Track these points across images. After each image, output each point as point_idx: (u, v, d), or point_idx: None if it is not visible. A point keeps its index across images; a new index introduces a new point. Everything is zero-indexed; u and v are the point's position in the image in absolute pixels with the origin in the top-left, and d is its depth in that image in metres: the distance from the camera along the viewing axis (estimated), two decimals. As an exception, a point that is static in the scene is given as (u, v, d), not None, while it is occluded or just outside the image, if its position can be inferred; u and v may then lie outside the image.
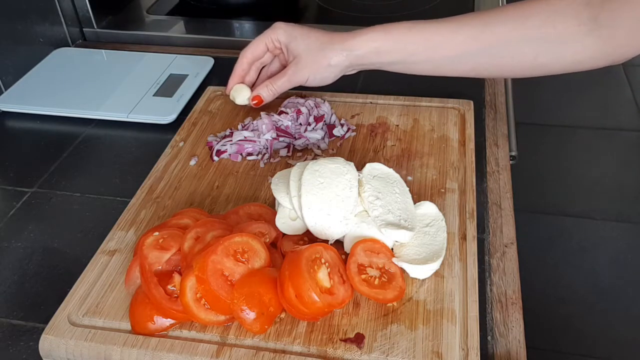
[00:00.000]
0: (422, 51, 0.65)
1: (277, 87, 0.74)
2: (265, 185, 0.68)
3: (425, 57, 0.66)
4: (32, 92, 0.89)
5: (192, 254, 0.54)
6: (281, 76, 0.73)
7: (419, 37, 0.65)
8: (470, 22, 0.64)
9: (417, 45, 0.65)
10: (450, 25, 0.65)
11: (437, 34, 0.65)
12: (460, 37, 0.64)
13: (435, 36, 0.65)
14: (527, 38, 0.61)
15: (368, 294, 0.53)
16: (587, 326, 1.52)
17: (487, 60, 0.64)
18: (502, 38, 0.62)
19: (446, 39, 0.64)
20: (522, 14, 0.61)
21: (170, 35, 1.05)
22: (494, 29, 0.62)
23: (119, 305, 0.55)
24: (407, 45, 0.66)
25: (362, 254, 0.55)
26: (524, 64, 0.64)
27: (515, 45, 0.62)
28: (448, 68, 0.67)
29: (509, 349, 0.53)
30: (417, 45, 0.65)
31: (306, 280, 0.50)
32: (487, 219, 0.66)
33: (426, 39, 0.65)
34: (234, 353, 0.51)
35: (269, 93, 0.74)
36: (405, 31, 0.66)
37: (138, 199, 0.67)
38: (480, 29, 0.63)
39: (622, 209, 1.85)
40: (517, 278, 0.60)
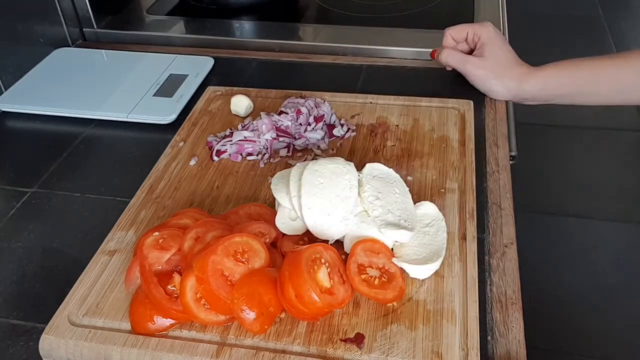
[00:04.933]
0: (589, 85, 0.74)
1: (453, 59, 0.83)
2: (265, 185, 0.68)
3: (590, 90, 0.75)
4: (32, 92, 0.89)
5: (192, 254, 0.54)
6: (462, 55, 0.82)
7: (585, 72, 0.74)
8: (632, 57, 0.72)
9: (584, 80, 0.74)
10: (614, 60, 0.74)
11: (602, 68, 0.74)
12: (623, 71, 0.72)
13: (601, 71, 0.73)
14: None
15: (368, 294, 0.53)
16: (587, 326, 1.51)
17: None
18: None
19: (610, 73, 0.73)
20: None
21: (170, 35, 1.05)
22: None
23: (119, 305, 0.55)
24: (575, 80, 0.75)
25: (362, 254, 0.55)
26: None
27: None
28: (616, 99, 0.75)
29: (509, 349, 0.53)
30: (583, 80, 0.74)
31: (306, 281, 0.50)
32: (487, 219, 0.66)
33: (592, 73, 0.74)
34: (234, 353, 0.51)
35: (444, 58, 0.84)
36: (573, 67, 0.75)
37: (138, 199, 0.67)
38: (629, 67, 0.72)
39: (622, 209, 1.85)
40: (517, 278, 0.60)
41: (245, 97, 0.80)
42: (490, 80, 0.80)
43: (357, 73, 0.93)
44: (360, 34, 1.02)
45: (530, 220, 1.81)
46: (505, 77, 0.78)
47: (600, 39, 2.66)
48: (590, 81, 0.74)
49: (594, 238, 1.78)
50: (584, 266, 1.68)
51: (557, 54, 2.72)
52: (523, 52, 0.82)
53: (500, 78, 0.79)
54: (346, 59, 0.96)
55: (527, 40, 2.47)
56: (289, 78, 0.93)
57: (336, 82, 0.90)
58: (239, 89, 0.85)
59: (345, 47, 0.98)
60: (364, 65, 0.95)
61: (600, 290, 1.61)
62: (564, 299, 1.59)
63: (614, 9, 2.86)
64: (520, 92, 0.78)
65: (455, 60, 0.83)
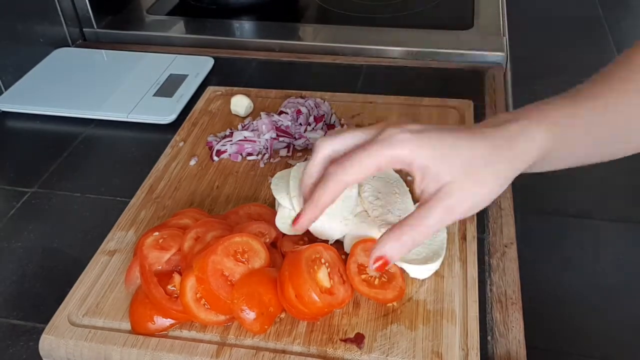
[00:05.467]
0: (582, 140, 0.51)
1: (421, 235, 0.47)
2: (265, 185, 0.68)
3: (582, 147, 0.52)
4: (32, 92, 0.89)
5: (192, 254, 0.54)
6: (425, 217, 0.46)
7: (581, 123, 0.50)
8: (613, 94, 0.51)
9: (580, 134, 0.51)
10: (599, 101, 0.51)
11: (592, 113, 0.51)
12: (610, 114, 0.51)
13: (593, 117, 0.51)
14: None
15: (368, 294, 0.53)
16: (587, 326, 1.51)
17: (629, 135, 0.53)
18: None
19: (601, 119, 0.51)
20: None
21: (170, 35, 1.05)
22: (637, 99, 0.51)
23: (119, 305, 0.55)
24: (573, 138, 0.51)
25: (362, 254, 0.55)
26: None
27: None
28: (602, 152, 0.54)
29: (509, 349, 0.53)
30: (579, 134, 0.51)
31: (306, 281, 0.50)
32: (487, 219, 0.66)
33: (586, 122, 0.50)
34: (234, 353, 0.51)
35: (404, 249, 0.47)
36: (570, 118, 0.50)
37: (138, 199, 0.67)
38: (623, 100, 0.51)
39: (622, 209, 1.85)
40: (517, 278, 0.60)
41: (245, 97, 0.80)
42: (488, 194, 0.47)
43: (357, 73, 0.93)
44: (360, 34, 1.02)
45: (530, 220, 1.81)
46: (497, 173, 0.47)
47: (600, 39, 2.66)
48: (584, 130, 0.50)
49: (594, 238, 1.78)
50: (584, 266, 1.68)
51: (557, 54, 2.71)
52: (523, 52, 0.81)
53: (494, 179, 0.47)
54: (346, 59, 0.96)
55: (527, 40, 2.47)
56: (289, 78, 0.93)
57: (336, 82, 0.90)
58: (239, 89, 0.85)
59: (345, 47, 0.98)
60: (364, 65, 0.95)
61: (600, 290, 1.61)
62: (564, 299, 1.59)
63: (614, 9, 2.86)
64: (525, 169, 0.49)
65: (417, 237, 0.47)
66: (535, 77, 2.23)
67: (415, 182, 0.48)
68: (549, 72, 2.32)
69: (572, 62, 2.39)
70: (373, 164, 0.46)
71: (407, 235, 0.47)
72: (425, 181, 0.47)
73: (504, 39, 0.97)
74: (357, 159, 0.46)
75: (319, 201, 0.48)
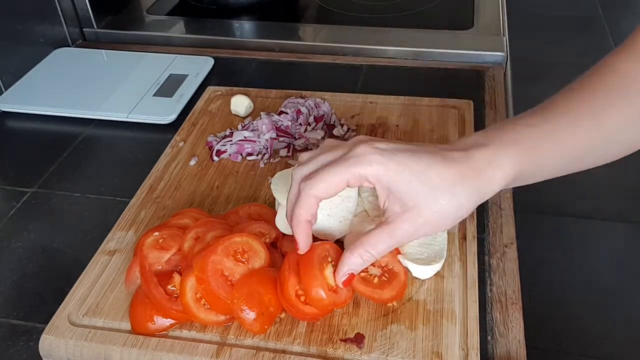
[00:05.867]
0: (553, 159, 0.51)
1: (378, 253, 0.49)
2: (265, 185, 0.68)
3: (553, 165, 0.51)
4: (32, 92, 0.89)
5: (192, 254, 0.54)
6: (386, 237, 0.49)
7: (551, 142, 0.50)
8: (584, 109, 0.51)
9: (550, 153, 0.50)
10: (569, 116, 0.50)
11: (563, 132, 0.50)
12: (583, 130, 0.50)
13: (563, 135, 0.50)
14: None
15: (363, 292, 0.53)
16: (587, 326, 1.51)
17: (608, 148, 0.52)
18: None
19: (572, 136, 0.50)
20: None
21: (170, 35, 1.05)
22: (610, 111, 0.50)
23: (119, 305, 0.55)
24: (542, 159, 0.50)
25: None
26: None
27: None
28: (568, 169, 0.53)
29: (509, 349, 0.53)
30: (550, 153, 0.50)
31: (317, 277, 0.50)
32: (487, 219, 0.66)
33: (556, 141, 0.50)
34: (234, 353, 0.51)
35: (364, 264, 0.50)
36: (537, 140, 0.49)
37: (138, 199, 0.67)
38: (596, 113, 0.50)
39: (622, 209, 1.85)
40: (517, 278, 0.60)
41: (245, 97, 0.80)
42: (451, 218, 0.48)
43: (357, 73, 0.93)
44: (360, 34, 1.02)
45: (530, 220, 1.81)
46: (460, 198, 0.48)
47: (600, 39, 2.66)
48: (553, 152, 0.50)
49: (594, 238, 1.78)
50: (584, 266, 1.68)
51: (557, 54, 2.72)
52: (523, 52, 0.81)
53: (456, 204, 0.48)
54: (346, 59, 0.96)
55: (527, 40, 2.47)
56: (289, 78, 0.93)
57: (336, 82, 0.90)
58: (239, 89, 0.85)
59: (345, 47, 0.98)
60: (364, 65, 0.95)
61: (600, 290, 1.61)
62: (564, 299, 1.59)
63: (614, 9, 2.86)
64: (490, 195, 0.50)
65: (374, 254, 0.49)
66: (535, 77, 2.23)
67: (379, 199, 0.49)
68: (549, 72, 2.32)
69: (572, 62, 2.39)
70: (341, 181, 0.48)
71: (368, 254, 0.49)
72: (389, 201, 0.48)
73: (504, 39, 0.97)
74: (326, 175, 0.48)
75: (299, 217, 0.50)
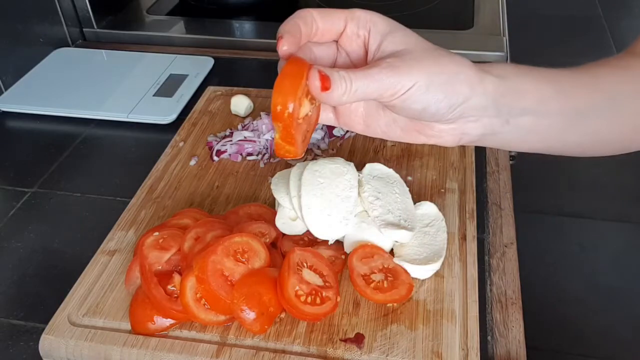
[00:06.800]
0: (554, 96, 0.48)
1: (357, 85, 0.42)
2: (265, 185, 0.68)
3: (558, 107, 0.48)
4: (32, 92, 0.89)
5: (192, 254, 0.54)
6: (365, 69, 0.42)
7: (550, 77, 0.48)
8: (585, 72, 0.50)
9: (550, 86, 0.48)
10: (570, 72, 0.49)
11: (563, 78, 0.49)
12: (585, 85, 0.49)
13: (563, 80, 0.48)
14: None
15: (385, 300, 0.53)
16: (587, 326, 1.51)
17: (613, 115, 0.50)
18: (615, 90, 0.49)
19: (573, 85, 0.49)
20: None
21: (170, 35, 1.05)
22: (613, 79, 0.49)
23: (119, 305, 0.55)
24: (541, 86, 0.47)
25: (360, 264, 0.55)
26: None
27: None
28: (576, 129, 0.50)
29: (509, 349, 0.53)
30: (549, 86, 0.47)
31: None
32: (487, 219, 0.66)
33: (556, 81, 0.48)
34: (234, 353, 0.51)
35: (342, 86, 0.42)
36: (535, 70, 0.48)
37: (138, 199, 0.67)
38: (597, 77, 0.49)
39: (622, 209, 1.85)
40: (517, 278, 0.60)
41: (245, 97, 0.80)
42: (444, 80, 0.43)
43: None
44: (360, 34, 1.02)
45: (530, 220, 1.81)
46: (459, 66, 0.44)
47: (600, 39, 2.66)
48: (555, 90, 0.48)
49: (594, 238, 1.78)
50: (584, 266, 1.68)
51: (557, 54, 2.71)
52: (523, 52, 0.81)
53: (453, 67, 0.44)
54: (346, 59, 0.96)
55: (527, 40, 2.47)
56: (289, 78, 0.93)
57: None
58: (239, 89, 0.85)
59: (345, 47, 0.98)
60: (364, 65, 0.94)
61: (600, 290, 1.61)
62: (564, 299, 1.59)
63: (614, 8, 2.86)
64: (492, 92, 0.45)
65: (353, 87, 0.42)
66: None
67: (369, 52, 0.46)
68: (549, 72, 2.32)
69: (572, 62, 2.38)
70: (339, 15, 0.46)
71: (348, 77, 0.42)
72: (379, 49, 0.45)
73: (504, 39, 0.97)
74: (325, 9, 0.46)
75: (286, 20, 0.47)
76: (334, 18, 0.46)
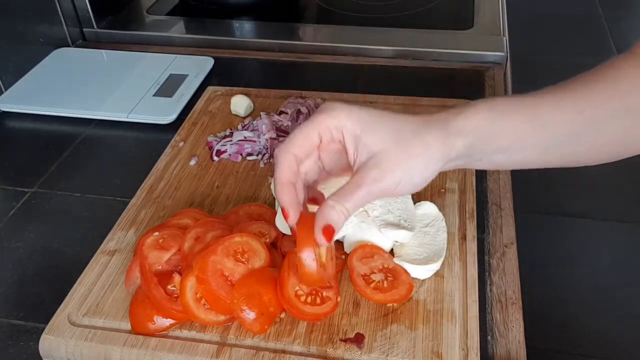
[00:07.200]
0: (531, 132, 0.48)
1: (351, 206, 0.46)
2: (265, 185, 0.68)
3: (535, 141, 0.48)
4: (32, 92, 0.89)
5: (192, 254, 0.54)
6: (354, 188, 0.46)
7: (528, 111, 0.48)
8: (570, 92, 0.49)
9: (527, 124, 0.48)
10: (553, 97, 0.49)
11: (543, 108, 0.48)
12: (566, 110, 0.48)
13: (543, 110, 0.48)
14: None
15: (385, 300, 0.53)
16: (587, 326, 1.51)
17: (593, 138, 0.50)
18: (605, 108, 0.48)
19: (554, 115, 0.48)
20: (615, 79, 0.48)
21: (170, 35, 1.05)
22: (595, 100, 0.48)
23: (119, 305, 0.55)
24: (517, 125, 0.48)
25: (360, 264, 0.55)
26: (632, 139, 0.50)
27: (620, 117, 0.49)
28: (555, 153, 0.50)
29: (509, 349, 0.53)
30: (527, 124, 0.48)
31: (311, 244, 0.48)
32: (487, 219, 0.66)
33: (535, 114, 0.48)
34: (234, 353, 0.51)
35: (340, 217, 0.46)
36: (512, 106, 0.48)
37: (138, 199, 0.67)
38: (581, 98, 0.48)
39: (622, 209, 1.85)
40: (517, 278, 0.60)
41: (245, 97, 0.80)
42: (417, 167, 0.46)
43: (357, 73, 0.93)
44: (360, 34, 1.02)
45: (530, 220, 1.81)
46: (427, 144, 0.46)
47: (600, 39, 2.66)
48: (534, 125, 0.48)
49: (594, 238, 1.78)
50: (584, 266, 1.68)
51: (557, 54, 2.71)
52: (523, 52, 0.81)
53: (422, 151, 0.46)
54: (346, 59, 0.96)
55: (527, 40, 2.47)
56: (289, 78, 0.93)
57: (336, 82, 0.90)
58: (239, 89, 0.85)
59: (345, 47, 0.98)
60: (364, 65, 0.95)
61: (600, 290, 1.61)
62: (564, 299, 1.59)
63: (614, 8, 2.86)
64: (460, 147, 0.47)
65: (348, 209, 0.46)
66: (535, 77, 2.23)
67: (348, 154, 0.48)
68: (549, 72, 2.32)
69: (572, 62, 2.39)
70: (311, 132, 0.47)
71: (340, 205, 0.46)
72: (357, 152, 0.47)
73: (504, 39, 0.97)
74: (296, 132, 0.48)
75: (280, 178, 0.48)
76: (308, 141, 0.48)
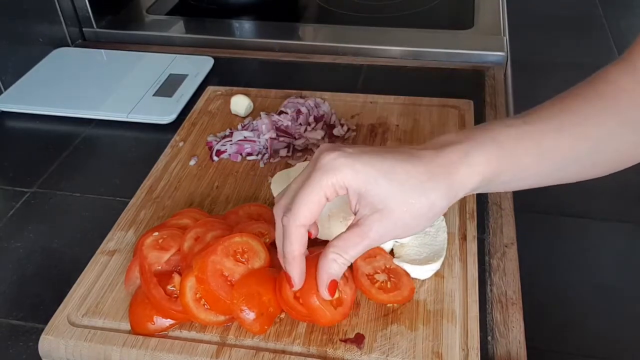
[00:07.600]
0: (535, 163, 0.49)
1: (351, 257, 0.48)
2: (265, 185, 0.68)
3: (536, 170, 0.49)
4: (32, 92, 0.89)
5: (192, 254, 0.54)
6: (357, 240, 0.47)
7: (532, 143, 0.48)
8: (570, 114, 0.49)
9: (531, 157, 0.48)
10: (555, 122, 0.49)
11: (547, 136, 0.48)
12: (570, 135, 0.49)
13: (547, 138, 0.48)
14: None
15: (388, 300, 0.53)
16: (587, 326, 1.51)
17: (594, 158, 0.51)
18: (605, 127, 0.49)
19: (556, 142, 0.48)
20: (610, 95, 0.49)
21: (170, 35, 1.05)
22: (596, 119, 0.48)
23: (119, 305, 0.55)
24: (521, 159, 0.48)
25: (364, 264, 0.55)
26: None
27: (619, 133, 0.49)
28: (554, 176, 0.51)
29: (509, 349, 0.53)
30: (530, 157, 0.48)
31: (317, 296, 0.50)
32: (487, 219, 0.66)
33: (539, 144, 0.48)
34: (234, 353, 0.51)
35: (343, 268, 0.48)
36: (516, 139, 0.48)
37: (138, 199, 0.67)
38: (585, 120, 0.49)
39: (622, 209, 1.85)
40: (517, 278, 0.60)
41: (245, 97, 0.80)
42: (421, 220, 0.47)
43: (357, 73, 0.93)
44: (360, 34, 1.02)
45: (530, 220, 1.81)
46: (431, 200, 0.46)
47: (600, 39, 2.66)
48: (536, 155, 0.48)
49: (594, 238, 1.78)
50: (584, 266, 1.68)
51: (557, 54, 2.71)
52: (523, 52, 0.81)
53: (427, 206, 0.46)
54: (346, 59, 0.96)
55: (527, 40, 2.47)
56: (289, 78, 0.93)
57: (336, 82, 0.90)
58: (239, 89, 0.85)
59: (345, 47, 0.98)
60: (364, 65, 0.95)
61: (600, 290, 1.61)
62: (564, 299, 1.59)
63: (613, 8, 2.86)
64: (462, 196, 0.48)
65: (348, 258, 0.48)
66: (535, 77, 2.23)
67: (350, 204, 0.48)
68: (549, 72, 2.32)
69: (572, 62, 2.39)
70: (318, 199, 0.46)
71: (342, 258, 0.48)
72: (359, 205, 0.47)
73: (504, 39, 0.97)
74: (303, 199, 0.46)
75: (292, 253, 0.48)
76: (316, 206, 0.47)
